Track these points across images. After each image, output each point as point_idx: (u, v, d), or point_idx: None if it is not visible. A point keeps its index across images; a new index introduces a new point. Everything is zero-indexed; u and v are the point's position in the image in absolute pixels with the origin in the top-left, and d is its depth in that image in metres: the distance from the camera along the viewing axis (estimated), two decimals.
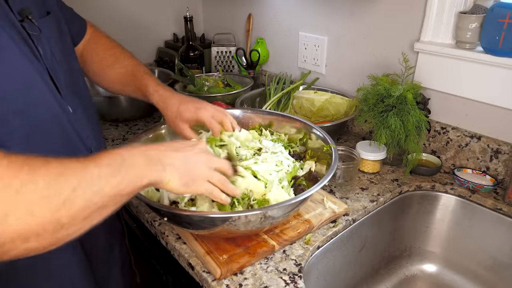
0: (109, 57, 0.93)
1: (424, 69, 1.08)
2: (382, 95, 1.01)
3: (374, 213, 0.95)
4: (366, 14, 1.20)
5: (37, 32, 0.63)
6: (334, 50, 1.34)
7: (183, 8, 1.67)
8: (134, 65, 0.92)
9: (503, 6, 0.90)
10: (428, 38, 1.06)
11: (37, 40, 0.63)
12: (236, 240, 0.77)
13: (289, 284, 0.71)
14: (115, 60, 0.92)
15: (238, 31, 1.75)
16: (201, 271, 0.73)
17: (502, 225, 0.93)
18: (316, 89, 1.31)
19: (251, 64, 1.59)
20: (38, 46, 0.63)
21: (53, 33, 0.70)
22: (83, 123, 0.72)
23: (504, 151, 0.98)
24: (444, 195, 1.02)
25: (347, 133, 1.31)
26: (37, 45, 0.63)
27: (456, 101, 1.05)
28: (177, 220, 0.73)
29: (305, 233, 0.82)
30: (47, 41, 0.66)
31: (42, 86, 0.62)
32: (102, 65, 0.92)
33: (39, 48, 0.63)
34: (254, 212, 0.66)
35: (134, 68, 0.91)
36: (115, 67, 0.92)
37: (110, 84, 0.94)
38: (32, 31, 0.62)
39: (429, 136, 1.12)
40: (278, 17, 1.52)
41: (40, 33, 0.64)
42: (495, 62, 0.93)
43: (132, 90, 0.91)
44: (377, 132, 1.00)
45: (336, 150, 0.82)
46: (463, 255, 1.02)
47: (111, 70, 0.92)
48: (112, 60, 0.92)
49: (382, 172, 1.07)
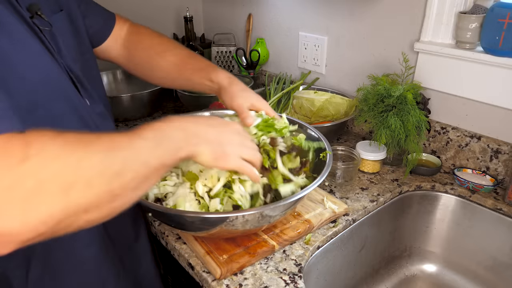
0: (158, 45, 0.89)
1: (424, 69, 1.08)
2: (382, 95, 1.01)
3: (374, 213, 0.95)
4: (366, 14, 1.20)
5: (48, 27, 0.63)
6: (334, 50, 1.34)
7: (183, 8, 1.68)
8: (187, 51, 0.89)
9: (503, 6, 0.90)
10: (428, 38, 1.06)
11: (49, 35, 0.63)
12: (236, 240, 0.77)
13: (289, 284, 0.71)
14: (166, 48, 0.88)
15: (238, 31, 1.75)
16: (201, 271, 0.73)
17: (502, 225, 0.93)
18: (316, 89, 1.31)
19: (251, 64, 1.59)
20: (51, 41, 0.64)
21: (67, 29, 0.71)
22: (100, 117, 0.73)
23: (504, 151, 0.98)
24: (444, 195, 1.02)
25: (347, 133, 1.31)
26: (49, 40, 0.63)
27: (456, 101, 1.05)
28: (175, 221, 0.73)
29: (305, 233, 0.82)
30: (59, 37, 0.67)
31: (61, 79, 0.63)
32: (150, 54, 0.88)
33: (52, 43, 0.64)
34: (251, 211, 0.66)
35: (189, 53, 0.88)
36: (166, 55, 0.87)
37: (163, 74, 0.89)
38: (43, 26, 0.62)
39: (429, 136, 1.12)
40: (278, 17, 1.52)
41: (51, 28, 0.64)
42: (495, 62, 0.93)
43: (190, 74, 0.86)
44: (377, 132, 1.00)
45: (331, 156, 0.81)
46: (463, 255, 1.02)
47: (162, 58, 0.87)
48: (162, 48, 0.88)
49: (382, 172, 1.07)
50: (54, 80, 0.61)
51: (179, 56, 0.88)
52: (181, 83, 0.90)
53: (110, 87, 1.56)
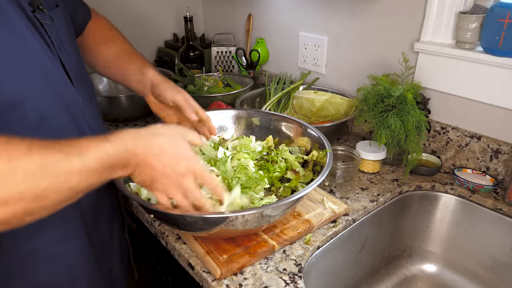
0: (107, 36, 0.92)
1: (424, 69, 1.08)
2: (382, 95, 1.01)
3: (374, 213, 0.95)
4: (366, 14, 1.20)
5: (50, 21, 0.64)
6: (334, 50, 1.34)
7: (183, 8, 1.67)
8: (131, 48, 0.91)
9: (503, 6, 0.90)
10: (428, 38, 1.06)
11: (49, 29, 0.64)
12: (236, 240, 0.77)
13: (289, 284, 0.71)
14: (113, 40, 0.91)
15: (238, 31, 1.75)
16: (201, 271, 0.73)
17: (502, 225, 0.93)
18: (316, 89, 1.31)
19: (251, 64, 1.59)
20: (51, 36, 0.64)
21: (63, 24, 0.72)
22: (91, 114, 0.73)
23: (504, 151, 0.98)
24: (444, 195, 1.02)
25: (347, 133, 1.31)
26: (49, 34, 0.63)
27: (456, 101, 1.05)
28: (172, 222, 0.73)
29: (305, 233, 0.82)
30: (57, 32, 0.67)
31: (55, 74, 0.63)
32: (98, 42, 0.91)
33: (52, 38, 0.64)
34: (251, 211, 0.66)
35: (132, 49, 0.91)
36: (110, 45, 0.90)
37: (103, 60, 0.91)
38: (44, 20, 0.62)
39: (429, 136, 1.12)
40: (278, 17, 1.52)
41: (52, 22, 0.64)
42: (495, 62, 0.93)
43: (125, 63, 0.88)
44: (377, 132, 1.00)
45: (331, 154, 0.81)
46: (463, 255, 1.02)
47: (106, 47, 0.90)
48: (109, 39, 0.92)
49: (382, 172, 1.07)
50: (47, 74, 0.61)
51: (121, 48, 0.90)
52: (114, 71, 0.90)
53: (110, 87, 1.56)
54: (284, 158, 0.85)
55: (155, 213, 0.73)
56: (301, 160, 0.89)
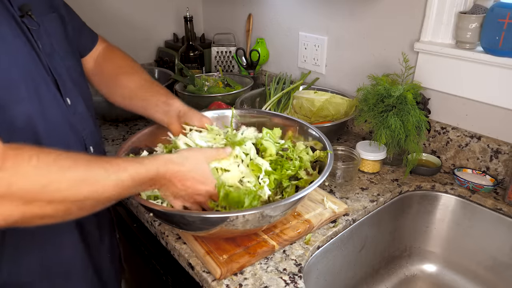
0: (127, 67, 0.93)
1: (424, 69, 1.08)
2: (382, 95, 1.01)
3: (374, 213, 0.95)
4: (366, 14, 1.20)
5: (36, 26, 0.66)
6: (334, 50, 1.34)
7: (183, 8, 1.67)
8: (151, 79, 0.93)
9: (503, 6, 0.90)
10: (428, 38, 1.06)
11: (36, 34, 0.66)
12: (236, 240, 0.77)
13: (289, 284, 0.71)
14: (134, 71, 0.93)
15: (238, 31, 1.75)
16: (201, 271, 0.73)
17: (502, 225, 0.93)
18: (316, 89, 1.31)
19: (251, 64, 1.59)
20: (38, 40, 0.66)
21: (57, 30, 0.73)
22: (80, 118, 0.74)
23: (504, 151, 0.98)
24: (444, 195, 1.02)
25: (347, 133, 1.31)
26: (36, 39, 0.65)
27: (456, 101, 1.05)
28: (172, 221, 0.73)
29: (305, 233, 0.82)
30: (48, 36, 0.69)
31: (40, 78, 0.65)
32: (118, 72, 0.92)
33: (38, 42, 0.66)
34: (251, 211, 0.66)
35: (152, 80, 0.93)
36: (133, 77, 0.91)
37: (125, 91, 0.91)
38: (31, 26, 0.65)
39: (429, 136, 1.12)
40: (278, 17, 1.52)
41: (39, 27, 0.66)
42: (495, 62, 0.93)
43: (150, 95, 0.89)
44: (377, 132, 1.00)
45: (332, 155, 0.81)
46: (463, 255, 1.02)
47: (128, 78, 0.91)
48: (130, 70, 0.93)
49: (382, 172, 1.07)
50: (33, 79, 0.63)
51: (144, 80, 0.92)
52: (136, 103, 0.91)
53: None
54: (299, 156, 0.84)
55: (155, 212, 0.73)
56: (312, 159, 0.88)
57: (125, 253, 1.10)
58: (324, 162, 0.82)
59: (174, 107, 0.87)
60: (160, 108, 0.87)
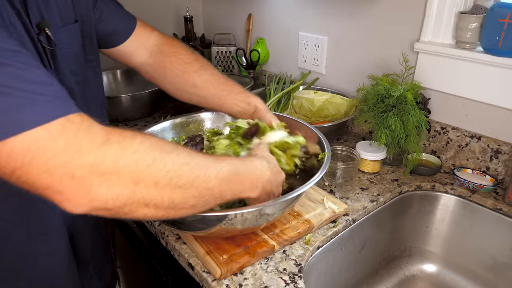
0: (195, 62, 0.91)
1: (424, 69, 1.08)
2: (382, 95, 1.01)
3: (374, 213, 0.95)
4: (366, 14, 1.20)
5: (53, 46, 0.64)
6: (334, 50, 1.34)
7: (183, 8, 1.68)
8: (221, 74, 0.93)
9: (503, 6, 0.90)
10: (428, 38, 1.06)
11: (51, 53, 0.64)
12: (236, 240, 0.77)
13: (289, 284, 0.71)
14: (202, 67, 0.91)
15: (238, 31, 1.75)
16: (201, 271, 0.73)
17: (502, 225, 0.93)
18: (316, 89, 1.31)
19: (251, 64, 1.59)
20: (51, 60, 0.64)
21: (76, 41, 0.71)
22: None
23: (504, 151, 0.98)
24: (444, 195, 1.02)
25: (347, 133, 1.31)
26: (50, 58, 0.64)
27: (456, 101, 1.05)
28: (171, 221, 0.73)
29: (305, 233, 0.82)
30: (62, 54, 0.67)
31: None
32: (186, 69, 0.90)
33: (51, 61, 0.64)
34: (250, 209, 0.66)
35: (223, 75, 0.93)
36: (203, 73, 0.90)
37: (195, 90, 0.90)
38: (47, 45, 0.62)
39: (429, 136, 1.12)
40: (278, 17, 1.52)
41: (55, 47, 0.64)
42: (495, 62, 0.93)
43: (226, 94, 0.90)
44: (377, 132, 1.00)
45: (329, 157, 0.81)
46: (463, 255, 1.02)
47: (198, 75, 0.90)
48: (198, 65, 0.91)
49: (382, 172, 1.07)
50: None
51: (215, 76, 0.91)
52: (211, 101, 0.92)
53: (110, 87, 1.56)
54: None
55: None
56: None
57: (125, 253, 1.10)
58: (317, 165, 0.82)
59: (252, 105, 0.89)
60: (239, 107, 0.90)
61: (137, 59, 0.91)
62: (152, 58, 0.91)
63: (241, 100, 0.90)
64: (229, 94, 0.90)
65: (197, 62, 0.91)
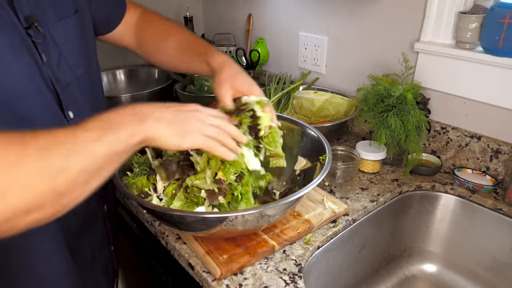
0: (163, 31, 0.90)
1: (424, 69, 1.08)
2: (382, 95, 1.01)
3: (374, 213, 0.95)
4: (366, 14, 1.20)
5: (41, 39, 0.63)
6: (334, 50, 1.34)
7: (183, 8, 1.67)
8: (189, 35, 0.89)
9: (503, 6, 0.90)
10: (428, 38, 1.06)
11: (41, 47, 0.63)
12: (236, 240, 0.77)
13: (289, 284, 0.71)
14: (169, 34, 0.89)
15: (238, 31, 1.75)
16: (201, 271, 0.73)
17: (502, 225, 0.93)
18: (316, 89, 1.31)
19: (251, 64, 1.59)
20: (42, 53, 0.63)
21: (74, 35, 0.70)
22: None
23: (504, 151, 0.98)
24: (444, 195, 1.02)
25: (347, 133, 1.31)
26: (41, 52, 0.63)
27: (456, 101, 1.05)
28: (171, 221, 0.73)
29: (305, 233, 0.82)
30: (57, 47, 0.66)
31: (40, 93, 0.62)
32: (156, 40, 0.89)
33: (43, 55, 0.63)
34: (251, 211, 0.66)
35: (190, 37, 0.89)
36: (169, 41, 0.88)
37: (167, 58, 0.89)
38: (36, 39, 0.62)
39: (429, 136, 1.12)
40: (278, 17, 1.52)
41: (44, 40, 0.63)
42: (495, 62, 0.93)
43: (191, 57, 0.85)
44: (377, 132, 1.00)
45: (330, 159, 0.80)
46: (463, 255, 1.02)
47: (165, 43, 0.88)
48: (166, 34, 0.89)
49: (382, 172, 1.07)
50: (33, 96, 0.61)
51: (181, 41, 0.88)
52: (183, 67, 0.90)
53: (110, 87, 1.56)
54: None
55: (154, 213, 0.73)
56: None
57: (125, 253, 1.10)
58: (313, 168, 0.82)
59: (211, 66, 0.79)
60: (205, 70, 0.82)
61: (126, 40, 0.91)
62: (134, 37, 0.91)
63: (202, 61, 0.82)
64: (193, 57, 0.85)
65: (165, 31, 0.90)
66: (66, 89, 0.67)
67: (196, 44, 0.87)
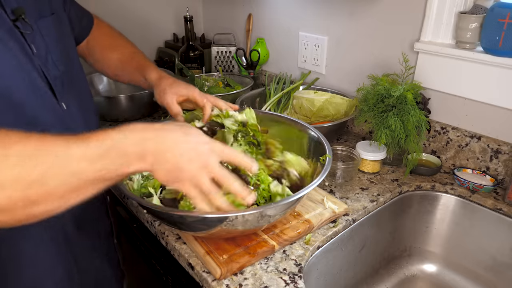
0: (111, 43, 0.97)
1: (424, 69, 1.08)
2: (382, 95, 1.01)
3: (374, 213, 0.95)
4: (366, 14, 1.20)
5: (30, 30, 0.64)
6: (334, 50, 1.34)
7: (183, 8, 1.67)
8: (134, 51, 0.97)
9: (503, 6, 0.90)
10: (428, 38, 1.06)
11: (30, 38, 0.64)
12: (236, 240, 0.77)
13: (289, 284, 0.71)
14: (115, 47, 0.97)
15: (238, 31, 1.75)
16: (201, 271, 0.73)
17: (502, 225, 0.93)
18: (316, 89, 1.31)
19: (251, 64, 1.59)
20: (31, 44, 0.64)
21: (53, 33, 0.71)
22: (76, 121, 0.73)
23: (504, 151, 0.98)
24: (444, 195, 1.02)
25: (347, 133, 1.31)
26: (30, 43, 0.64)
27: (456, 101, 1.05)
28: (172, 222, 0.73)
29: (305, 233, 0.82)
30: (43, 40, 0.67)
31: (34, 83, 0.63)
32: (103, 50, 0.96)
33: (32, 46, 0.64)
34: (251, 211, 0.66)
35: (134, 53, 0.97)
36: (114, 54, 0.96)
37: (111, 68, 0.97)
38: (24, 30, 0.63)
39: (429, 136, 1.12)
40: (278, 17, 1.52)
41: (33, 31, 0.65)
42: (495, 62, 0.93)
43: (131, 71, 0.94)
44: (377, 132, 1.00)
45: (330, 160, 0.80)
46: (463, 255, 1.02)
47: (112, 54, 0.96)
48: (112, 46, 0.97)
49: (382, 172, 1.07)
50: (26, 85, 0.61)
51: (124, 54, 0.96)
52: (124, 78, 0.98)
53: (110, 87, 1.56)
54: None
55: (154, 213, 0.73)
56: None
57: (125, 253, 1.10)
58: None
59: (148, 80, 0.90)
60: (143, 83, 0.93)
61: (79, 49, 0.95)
62: (86, 45, 0.97)
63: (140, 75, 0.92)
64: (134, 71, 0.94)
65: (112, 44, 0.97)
66: (56, 81, 0.69)
67: (138, 58, 0.95)
